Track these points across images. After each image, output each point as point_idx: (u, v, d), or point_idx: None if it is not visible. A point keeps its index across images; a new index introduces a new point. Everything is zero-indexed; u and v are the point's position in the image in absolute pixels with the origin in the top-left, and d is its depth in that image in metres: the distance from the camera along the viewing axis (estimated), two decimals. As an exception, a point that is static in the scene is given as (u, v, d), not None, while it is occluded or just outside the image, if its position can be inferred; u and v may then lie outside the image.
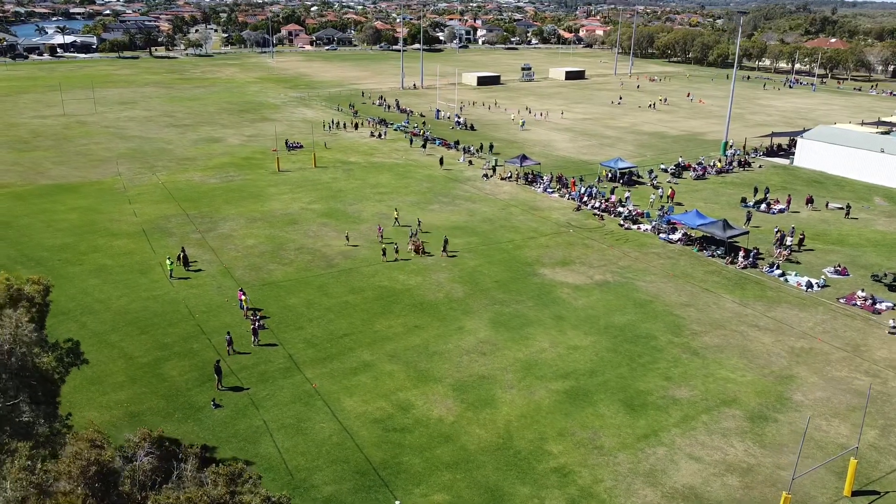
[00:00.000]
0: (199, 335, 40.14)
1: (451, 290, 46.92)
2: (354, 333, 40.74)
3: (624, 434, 32.02)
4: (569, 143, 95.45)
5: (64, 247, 53.46)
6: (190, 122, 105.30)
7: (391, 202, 66.06)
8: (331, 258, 52.06)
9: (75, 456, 15.89)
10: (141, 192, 68.07)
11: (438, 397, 34.52)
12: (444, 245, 53.16)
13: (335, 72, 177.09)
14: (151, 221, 59.55)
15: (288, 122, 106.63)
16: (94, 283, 46.84)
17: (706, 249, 54.82)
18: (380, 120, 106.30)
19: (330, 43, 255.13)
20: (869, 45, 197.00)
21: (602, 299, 45.98)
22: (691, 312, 44.38)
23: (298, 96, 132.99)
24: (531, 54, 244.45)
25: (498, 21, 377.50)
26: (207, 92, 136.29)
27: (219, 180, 73.10)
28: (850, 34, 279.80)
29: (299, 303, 44.57)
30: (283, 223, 59.74)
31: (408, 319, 42.54)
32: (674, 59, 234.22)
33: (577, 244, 56.26)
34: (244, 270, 49.48)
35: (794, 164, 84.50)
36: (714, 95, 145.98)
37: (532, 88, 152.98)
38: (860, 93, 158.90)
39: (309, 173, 76.59)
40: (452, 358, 38.19)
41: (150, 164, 79.50)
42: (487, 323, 42.30)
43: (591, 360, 38.29)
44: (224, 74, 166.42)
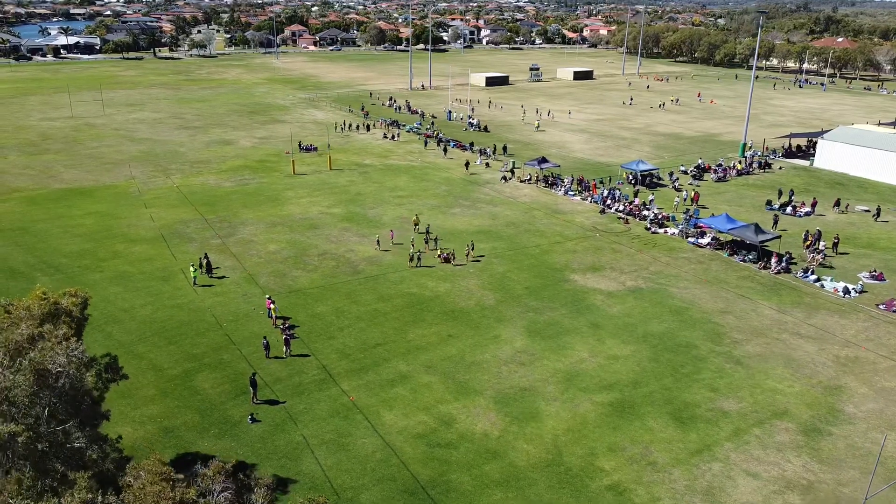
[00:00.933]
0: (229, 345, 39.06)
1: (481, 297, 45.85)
2: (387, 343, 39.67)
3: (676, 449, 30.96)
4: (584, 144, 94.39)
5: (83, 253, 52.37)
6: (200, 123, 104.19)
7: (411, 206, 65.00)
8: (356, 264, 50.98)
9: (155, 496, 14.78)
10: (156, 196, 66.97)
11: (481, 410, 33.46)
12: (471, 248, 52.16)
13: (341, 72, 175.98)
14: (169, 226, 58.46)
15: (298, 123, 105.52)
16: (117, 291, 45.75)
17: (737, 254, 53.76)
18: (391, 121, 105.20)
19: (334, 43, 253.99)
20: (877, 45, 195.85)
21: (637, 306, 44.91)
22: (730, 320, 43.32)
23: (307, 97, 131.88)
24: (536, 54, 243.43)
25: (500, 21, 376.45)
26: (215, 93, 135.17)
27: (234, 184, 72.01)
28: (855, 33, 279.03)
29: (328, 311, 43.50)
30: (304, 228, 58.66)
31: (441, 328, 41.47)
32: (680, 58, 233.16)
33: (605, 249, 55.20)
34: (268, 277, 48.39)
35: (814, 165, 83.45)
36: (724, 95, 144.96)
37: (542, 89, 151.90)
38: (870, 92, 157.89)
39: (325, 176, 75.50)
40: (491, 369, 37.13)
41: (164, 167, 78.40)
42: (523, 332, 41.23)
43: (634, 371, 37.23)
44: (230, 75, 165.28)
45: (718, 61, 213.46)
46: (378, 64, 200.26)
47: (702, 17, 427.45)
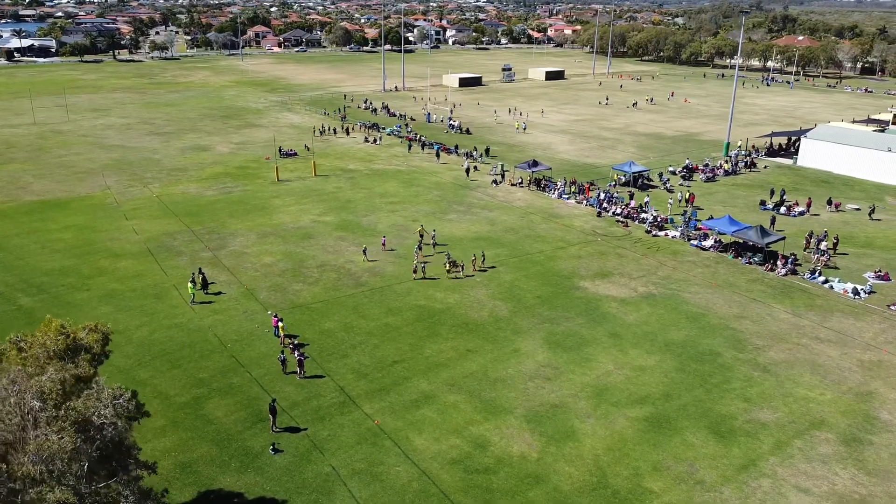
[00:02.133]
0: (237, 368, 36.84)
1: (493, 308, 44.37)
2: (405, 360, 37.90)
3: (722, 465, 29.91)
4: (569, 145, 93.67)
5: (65, 270, 49.31)
6: (172, 129, 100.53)
7: (405, 213, 63.23)
8: (357, 276, 49.01)
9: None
10: (136, 207, 63.86)
11: (514, 431, 31.96)
12: (482, 258, 50.58)
13: (311, 74, 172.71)
14: (155, 239, 55.61)
15: (275, 127, 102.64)
16: (107, 312, 43.00)
17: (742, 256, 53.30)
18: (372, 124, 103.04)
19: (299, 44, 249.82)
20: (835, 43, 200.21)
21: (653, 313, 43.94)
22: (748, 325, 42.63)
23: (280, 100, 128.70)
24: (504, 54, 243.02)
25: (464, 21, 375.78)
26: (183, 97, 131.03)
27: (217, 192, 69.19)
28: (811, 32, 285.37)
29: (337, 327, 41.51)
30: (297, 238, 56.41)
31: (458, 343, 39.86)
32: (645, 57, 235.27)
33: (610, 254, 54.23)
34: (268, 292, 46.13)
35: (797, 163, 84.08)
36: (696, 94, 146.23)
37: (516, 89, 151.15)
38: (835, 90, 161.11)
39: (311, 183, 73.14)
40: (517, 385, 35.66)
41: (139, 175, 75.06)
42: (542, 344, 39.87)
43: (663, 383, 36.16)
44: (196, 78, 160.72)
45: (685, 60, 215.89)
46: (347, 65, 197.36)
47: (660, 17, 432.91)
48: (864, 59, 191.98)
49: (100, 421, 16.04)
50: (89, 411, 15.68)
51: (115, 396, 16.56)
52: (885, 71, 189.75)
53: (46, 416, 15.47)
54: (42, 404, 15.50)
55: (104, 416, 15.91)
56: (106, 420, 16.05)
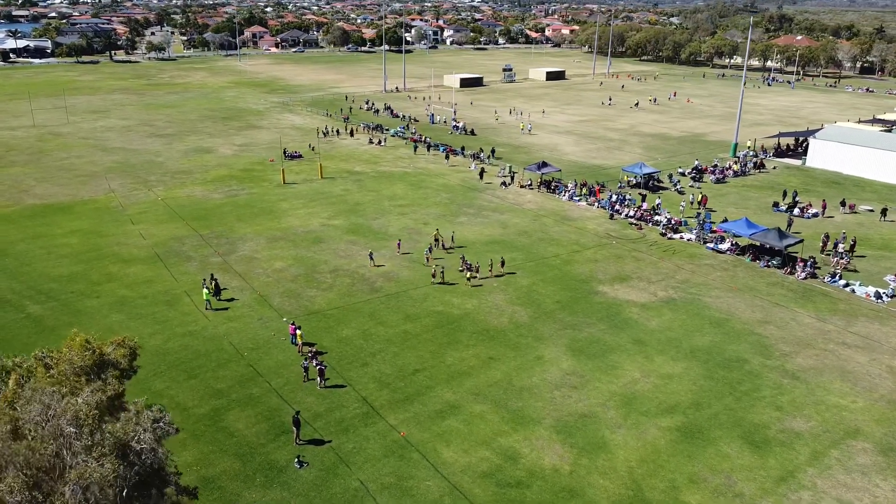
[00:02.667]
0: (255, 378, 35.91)
1: (513, 313, 43.54)
2: (426, 369, 37.04)
3: (759, 477, 29.16)
4: (575, 146, 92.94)
5: (73, 276, 48.25)
6: (173, 131, 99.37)
7: (415, 216, 62.36)
8: (372, 281, 48.11)
9: None
10: (142, 211, 62.80)
11: (544, 442, 31.14)
12: (501, 264, 49.72)
13: (309, 75, 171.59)
14: (163, 244, 54.59)
15: (277, 129, 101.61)
16: (119, 319, 42.01)
17: (760, 259, 52.62)
18: (375, 126, 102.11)
19: (296, 45, 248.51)
20: (832, 42, 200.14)
21: (675, 319, 43.20)
22: (772, 330, 41.92)
23: (280, 101, 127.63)
24: (502, 54, 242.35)
25: (461, 21, 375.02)
26: (182, 98, 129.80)
27: (223, 195, 68.18)
28: (808, 31, 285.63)
29: (354, 334, 40.62)
30: (308, 242, 55.47)
31: (479, 350, 39.02)
32: (644, 57, 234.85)
33: (626, 257, 53.47)
34: (282, 298, 45.20)
35: (806, 164, 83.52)
36: (697, 94, 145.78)
37: (518, 90, 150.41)
38: (835, 89, 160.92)
39: (318, 185, 72.18)
40: (543, 394, 34.84)
41: (143, 178, 73.97)
42: (566, 351, 39.07)
43: (691, 391, 35.40)
44: (194, 79, 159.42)
45: (684, 60, 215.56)
46: (345, 66, 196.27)
47: (656, 17, 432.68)
48: (863, 59, 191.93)
49: (139, 446, 15.14)
50: (128, 436, 14.79)
51: (154, 419, 15.66)
52: (884, 70, 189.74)
53: (84, 443, 14.56)
54: (78, 430, 14.58)
55: (144, 440, 15.02)
56: (146, 445, 15.16)
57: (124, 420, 15.27)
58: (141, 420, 15.57)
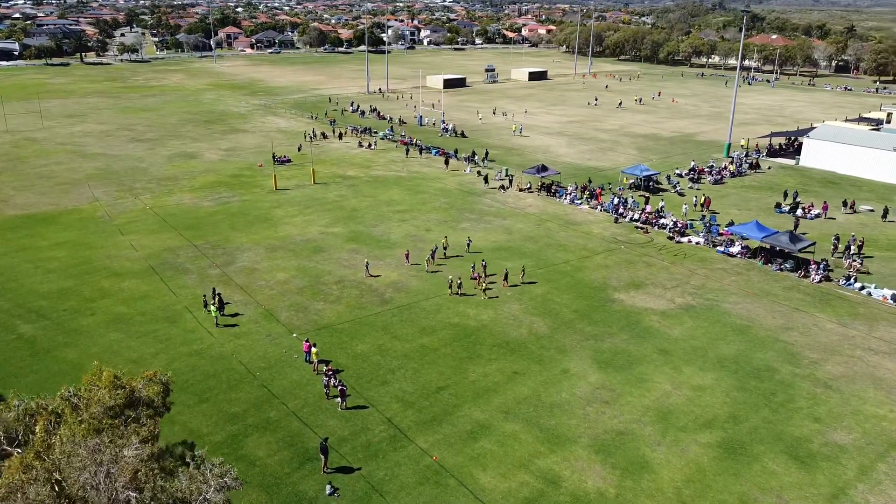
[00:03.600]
0: (271, 400, 33.97)
1: (531, 324, 42.10)
2: (450, 386, 35.42)
3: (811, 495, 28.06)
4: (568, 148, 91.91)
5: (64, 293, 45.70)
6: (154, 135, 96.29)
7: (415, 221, 60.67)
8: (381, 292, 46.32)
9: None
10: (130, 221, 60.18)
11: (583, 463, 29.72)
12: (520, 275, 48.22)
13: (289, 76, 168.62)
14: (156, 255, 52.17)
15: (262, 132, 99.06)
16: (118, 339, 39.69)
17: (771, 263, 51.89)
18: (364, 129, 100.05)
19: (272, 45, 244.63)
20: (810, 42, 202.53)
21: (697, 327, 42.13)
22: (796, 337, 41.05)
23: (262, 104, 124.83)
24: (481, 55, 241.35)
25: (435, 21, 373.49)
26: (160, 101, 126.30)
27: (214, 203, 65.75)
28: (779, 30, 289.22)
29: (370, 350, 38.84)
30: (308, 251, 53.46)
31: (502, 364, 37.50)
32: (622, 57, 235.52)
33: (637, 262, 52.37)
34: (289, 312, 43.21)
35: (800, 164, 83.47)
36: (681, 94, 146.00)
37: (502, 90, 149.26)
38: (815, 88, 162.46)
39: (311, 191, 70.07)
40: (575, 410, 33.44)
41: (128, 186, 71.16)
42: (591, 363, 37.73)
43: (726, 403, 34.27)
44: (171, 81, 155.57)
45: (662, 59, 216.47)
46: (324, 67, 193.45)
47: (629, 16, 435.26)
48: (838, 58, 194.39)
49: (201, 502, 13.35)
50: (193, 496, 12.99)
51: (221, 474, 13.87)
52: (858, 69, 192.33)
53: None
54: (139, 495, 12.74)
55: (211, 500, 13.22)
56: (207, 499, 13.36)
57: (189, 478, 13.44)
58: (206, 476, 13.75)
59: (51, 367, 36.62)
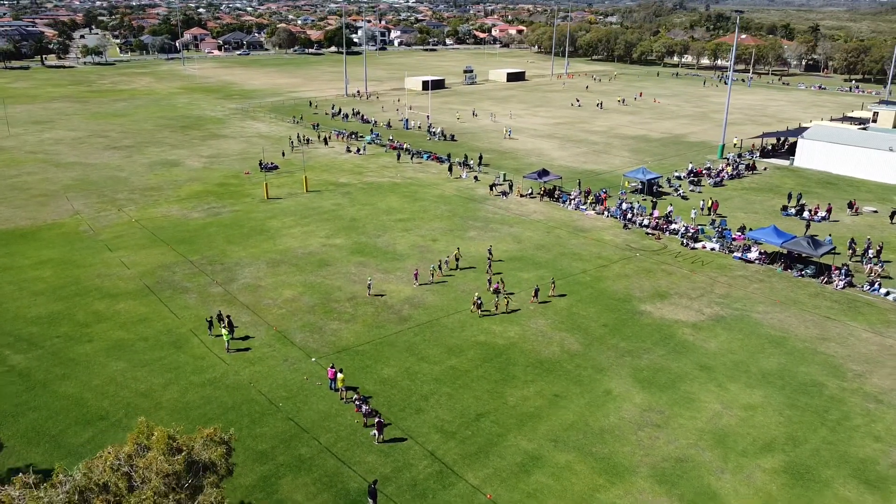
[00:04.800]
0: (300, 434, 31.31)
1: (562, 341, 40.07)
2: (490, 412, 33.17)
3: (892, 525, 26.52)
4: (560, 151, 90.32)
5: (55, 317, 42.25)
6: (130, 142, 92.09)
7: (419, 231, 58.27)
8: (397, 309, 43.83)
9: None
10: (117, 235, 56.62)
11: (648, 496, 27.74)
12: (551, 289, 46.07)
13: (262, 79, 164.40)
14: (151, 273, 48.88)
15: (243, 138, 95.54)
16: (121, 368, 36.55)
17: (791, 268, 50.75)
18: (350, 133, 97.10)
19: (240, 47, 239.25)
20: (779, 41, 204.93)
21: (732, 339, 40.57)
22: (835, 348, 39.76)
23: (239, 108, 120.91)
24: (453, 55, 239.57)
25: (403, 22, 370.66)
26: (131, 106, 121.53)
27: (204, 214, 62.45)
28: (744, 29, 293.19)
29: (397, 374, 36.38)
30: (313, 266, 50.68)
31: (540, 386, 35.37)
32: (595, 57, 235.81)
33: (656, 271, 50.76)
34: (303, 333, 40.48)
35: (794, 164, 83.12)
36: (662, 94, 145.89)
37: (482, 92, 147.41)
38: (790, 87, 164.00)
39: (305, 200, 67.15)
40: (627, 436, 31.47)
41: (110, 197, 67.34)
42: (632, 382, 35.84)
43: (781, 423, 32.66)
44: (139, 85, 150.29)
45: (635, 59, 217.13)
46: (297, 69, 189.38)
47: (594, 16, 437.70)
48: (808, 57, 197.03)
49: None
50: None
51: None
52: (828, 67, 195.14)
53: None
54: None
55: None
56: None
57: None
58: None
59: (50, 403, 33.40)
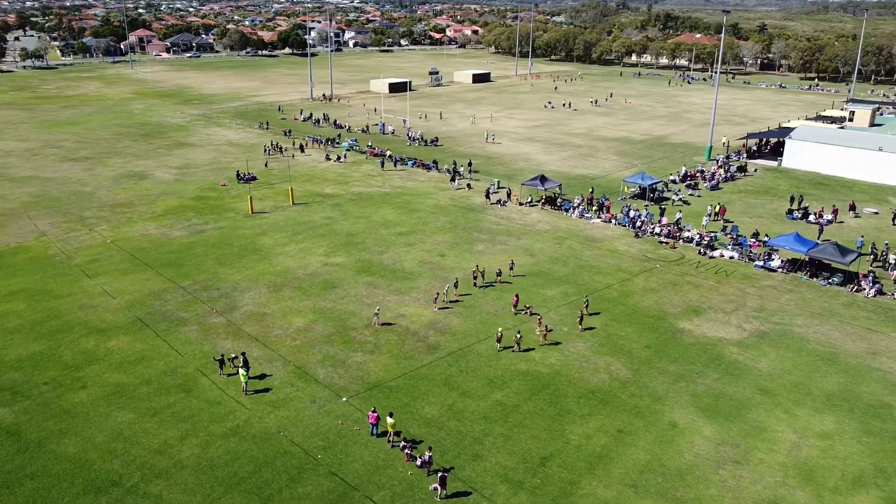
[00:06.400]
0: (349, 493, 27.59)
1: (608, 367, 37.26)
2: (554, 455, 30.05)
3: None
4: (547, 155, 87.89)
5: (38, 359, 37.29)
6: (88, 153, 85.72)
7: (424, 245, 54.81)
8: (423, 336, 40.32)
9: None
10: (92, 259, 51.40)
11: (752, 549, 25.07)
12: (584, 305, 43.10)
13: (219, 82, 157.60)
14: (140, 303, 44.10)
15: (211, 146, 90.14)
16: (127, 420, 32.08)
17: (817, 276, 49.22)
18: (327, 139, 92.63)
19: (190, 49, 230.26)
20: (735, 41, 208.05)
21: (782, 358, 38.47)
22: (889, 363, 38.05)
23: (201, 114, 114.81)
24: (410, 56, 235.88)
25: (355, 22, 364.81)
26: (83, 113, 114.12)
27: (186, 232, 57.59)
28: (692, 28, 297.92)
29: (441, 413, 32.92)
30: (319, 288, 46.68)
31: (600, 421, 32.45)
32: (553, 57, 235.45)
33: (681, 283, 48.52)
34: (325, 368, 36.62)
35: (782, 165, 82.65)
36: (630, 94, 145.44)
37: (451, 94, 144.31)
38: (751, 86, 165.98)
39: (293, 213, 62.83)
40: (708, 476, 28.79)
41: (77, 215, 61.71)
42: (695, 412, 33.26)
43: (864, 453, 30.50)
44: (88, 90, 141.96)
45: (594, 59, 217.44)
46: (253, 71, 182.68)
47: (543, 17, 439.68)
48: (763, 56, 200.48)
49: None
50: None
51: None
52: (782, 66, 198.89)
53: None
54: None
55: None
56: None
57: None
58: None
59: (50, 467, 28.82)
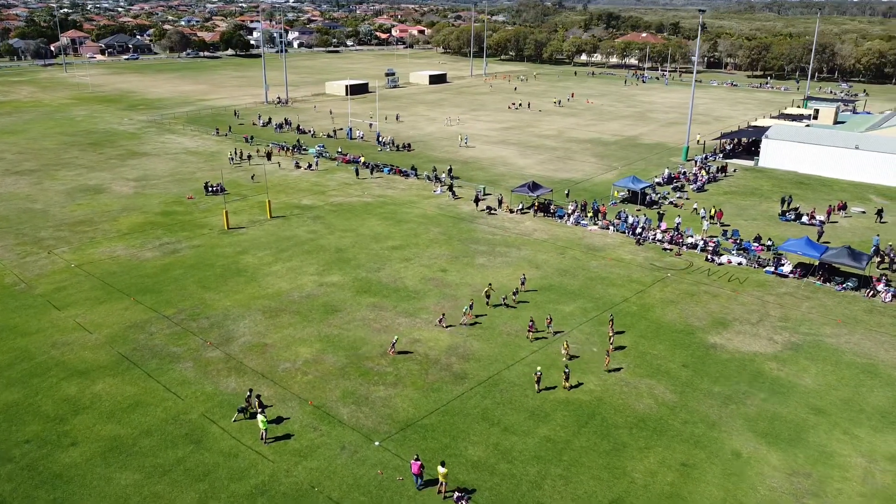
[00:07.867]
0: (408, 558, 24.28)
1: (650, 390, 34.91)
2: (622, 498, 27.41)
3: None
4: (524, 158, 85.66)
5: (14, 411, 32.47)
6: (33, 165, 78.96)
7: (421, 260, 51.58)
8: (445, 363, 37.17)
9: None
10: (58, 288, 46.20)
11: None
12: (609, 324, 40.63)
13: (165, 86, 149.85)
14: (122, 337, 39.47)
15: (168, 155, 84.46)
16: (132, 482, 27.85)
17: (831, 281, 48.25)
18: (293, 146, 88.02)
19: (126, 51, 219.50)
20: (682, 40, 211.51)
21: (824, 372, 36.93)
22: (929, 373, 36.98)
23: (151, 120, 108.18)
24: (359, 57, 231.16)
25: (297, 22, 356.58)
26: (20, 121, 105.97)
27: (158, 252, 52.73)
28: (633, 28, 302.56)
29: (488, 455, 29.85)
30: (320, 313, 42.90)
31: (661, 455, 29.97)
32: (503, 57, 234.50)
33: (698, 293, 46.74)
34: (348, 407, 33.07)
35: (759, 165, 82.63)
36: (590, 94, 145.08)
37: (410, 95, 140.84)
38: (703, 84, 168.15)
39: (272, 227, 58.60)
40: (791, 514, 26.69)
41: (31, 235, 55.95)
42: (754, 438, 31.19)
43: (938, 476, 28.98)
44: (22, 96, 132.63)
45: (545, 59, 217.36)
46: (197, 74, 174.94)
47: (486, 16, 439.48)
48: (710, 55, 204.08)
49: None
50: None
51: None
52: (728, 64, 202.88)
53: None
54: None
55: None
56: None
57: None
58: None
59: (49, 549, 24.50)
